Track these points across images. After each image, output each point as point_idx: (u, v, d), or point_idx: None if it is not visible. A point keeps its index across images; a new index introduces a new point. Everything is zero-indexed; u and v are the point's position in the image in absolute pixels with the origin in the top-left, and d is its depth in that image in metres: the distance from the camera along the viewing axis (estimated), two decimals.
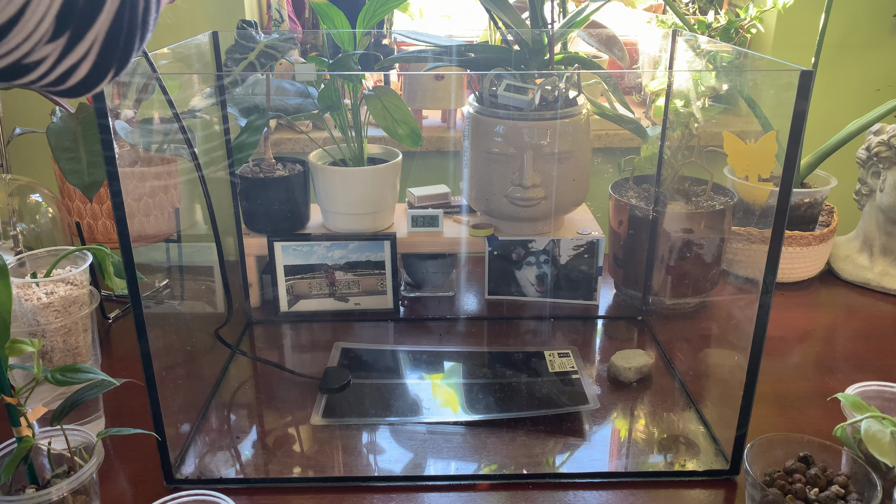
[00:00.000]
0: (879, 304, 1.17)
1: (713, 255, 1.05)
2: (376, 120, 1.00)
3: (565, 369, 0.94)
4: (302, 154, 1.14)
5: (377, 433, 0.84)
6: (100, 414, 0.83)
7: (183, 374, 0.90)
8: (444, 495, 0.75)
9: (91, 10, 0.33)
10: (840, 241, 1.28)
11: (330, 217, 1.11)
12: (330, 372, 0.94)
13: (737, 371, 0.74)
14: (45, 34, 0.32)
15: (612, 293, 1.18)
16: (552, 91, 1.05)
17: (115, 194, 0.63)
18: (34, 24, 0.31)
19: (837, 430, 0.73)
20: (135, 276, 0.67)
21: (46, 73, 0.34)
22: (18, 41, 0.31)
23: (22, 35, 0.31)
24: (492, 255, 1.10)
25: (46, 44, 0.32)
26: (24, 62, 0.33)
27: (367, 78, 1.27)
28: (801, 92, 0.63)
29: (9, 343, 0.62)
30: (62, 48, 0.33)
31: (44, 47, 0.32)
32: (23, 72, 0.34)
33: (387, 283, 1.09)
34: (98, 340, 0.88)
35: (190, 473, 0.78)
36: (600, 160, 1.31)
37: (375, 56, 1.15)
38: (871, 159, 1.18)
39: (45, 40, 0.32)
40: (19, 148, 1.63)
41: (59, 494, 0.62)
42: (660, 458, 0.81)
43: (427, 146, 1.72)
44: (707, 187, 1.08)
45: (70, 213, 1.09)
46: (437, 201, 1.15)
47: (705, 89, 1.11)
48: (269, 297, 1.12)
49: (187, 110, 1.02)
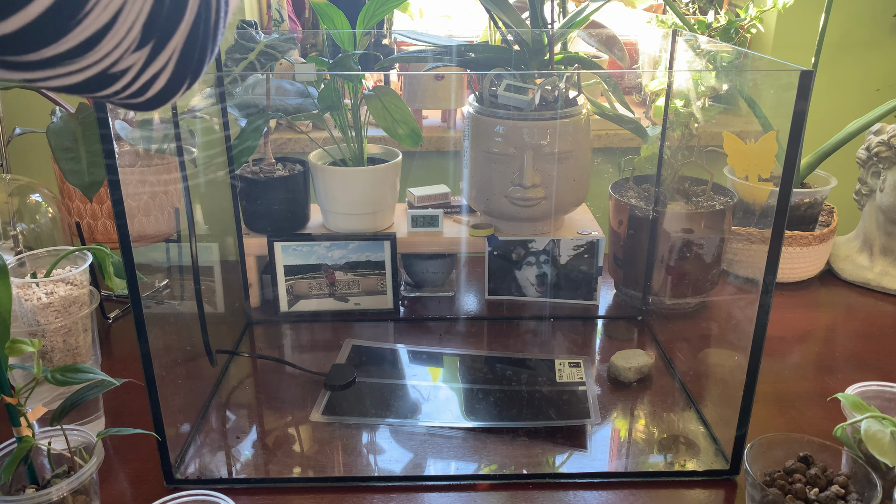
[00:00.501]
0: (879, 304, 1.17)
1: (713, 255, 1.05)
2: (376, 120, 1.00)
3: (573, 380, 0.93)
4: (302, 154, 1.14)
5: (377, 433, 0.84)
6: (100, 414, 0.83)
7: (183, 374, 0.90)
8: (444, 495, 0.75)
9: (172, 20, 0.33)
10: (840, 241, 1.28)
11: (330, 217, 1.11)
12: (336, 368, 0.94)
13: (737, 371, 0.74)
14: (132, 43, 0.32)
15: (612, 293, 1.18)
16: (552, 91, 1.05)
17: (115, 194, 0.63)
18: (125, 32, 0.31)
19: (837, 430, 0.73)
20: (135, 276, 0.67)
21: (130, 83, 0.34)
22: (109, 48, 0.32)
23: (113, 42, 0.31)
24: (492, 255, 1.10)
25: (133, 52, 0.33)
26: (111, 71, 0.33)
27: (367, 78, 1.27)
28: (801, 92, 0.63)
29: (9, 343, 0.62)
30: (146, 57, 0.34)
31: (131, 56, 0.33)
32: (109, 82, 0.34)
33: (387, 283, 1.09)
34: (98, 340, 0.88)
35: (190, 473, 0.78)
36: (600, 160, 1.31)
37: (375, 56, 1.15)
38: (871, 159, 1.18)
39: (133, 49, 0.32)
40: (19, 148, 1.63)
41: (59, 494, 0.62)
42: (660, 458, 0.81)
43: (427, 146, 1.72)
44: (707, 187, 1.08)
45: (70, 213, 1.09)
46: (437, 201, 1.15)
47: (705, 89, 1.11)
48: (269, 297, 1.12)
49: (187, 110, 1.02)
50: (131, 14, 0.31)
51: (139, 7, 0.31)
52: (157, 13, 0.32)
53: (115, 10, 0.30)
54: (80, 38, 0.30)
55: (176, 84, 0.36)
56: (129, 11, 0.31)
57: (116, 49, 0.32)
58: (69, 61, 0.31)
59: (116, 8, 0.30)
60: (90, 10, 0.29)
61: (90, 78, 0.33)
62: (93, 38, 0.31)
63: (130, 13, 0.31)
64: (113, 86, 0.34)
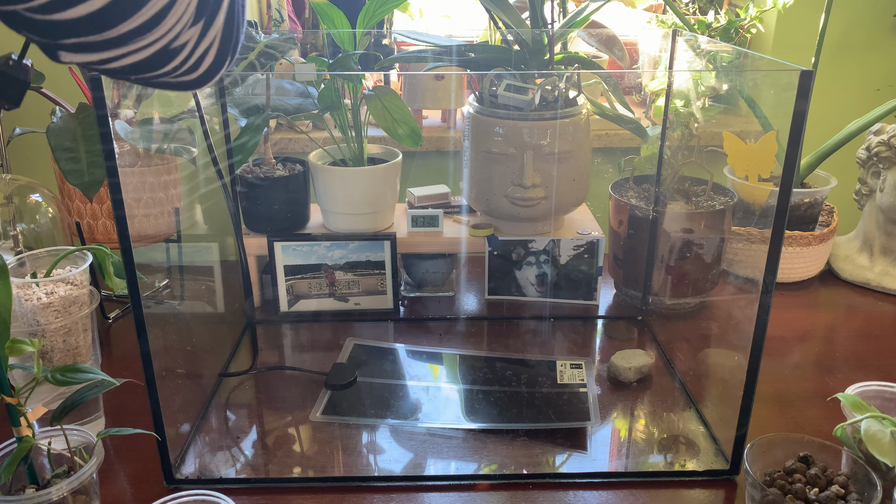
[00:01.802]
0: (879, 304, 1.17)
1: (713, 255, 1.05)
2: (376, 120, 1.00)
3: (574, 381, 0.93)
4: (302, 154, 1.14)
5: (377, 433, 0.84)
6: (100, 414, 0.83)
7: (183, 374, 0.90)
8: (444, 495, 0.75)
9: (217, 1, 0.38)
10: (840, 241, 1.28)
11: (330, 217, 1.11)
12: (337, 368, 0.94)
13: (737, 371, 0.74)
14: (189, 18, 0.36)
15: (612, 293, 1.18)
16: (552, 91, 1.05)
17: (115, 194, 0.63)
18: (184, 8, 0.35)
19: (837, 430, 0.73)
20: (135, 276, 0.67)
21: (186, 58, 0.38)
22: (172, 23, 0.35)
23: (175, 17, 0.35)
24: (492, 255, 1.10)
25: (189, 28, 0.37)
26: (171, 46, 0.37)
27: (367, 78, 1.27)
28: (801, 92, 0.63)
29: (9, 343, 0.62)
30: (199, 33, 0.37)
31: (188, 31, 0.37)
32: (169, 57, 0.37)
33: (387, 283, 1.09)
34: (98, 340, 0.88)
35: (190, 473, 0.78)
36: (600, 160, 1.31)
37: (375, 56, 1.15)
38: (871, 159, 1.18)
39: (189, 24, 0.36)
40: (19, 148, 1.62)
41: (59, 494, 0.62)
42: (660, 458, 0.81)
43: (427, 146, 1.72)
44: (707, 187, 1.08)
45: (70, 213, 1.09)
46: (437, 201, 1.15)
47: (705, 89, 1.11)
48: (269, 297, 1.12)
49: (187, 110, 1.02)
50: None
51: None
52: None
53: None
54: (150, 13, 0.34)
55: (220, 60, 0.40)
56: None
57: (177, 24, 0.36)
58: (139, 37, 0.34)
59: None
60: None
61: (155, 53, 0.36)
62: (159, 14, 0.34)
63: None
64: (172, 62, 0.38)
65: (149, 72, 0.38)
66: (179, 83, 0.40)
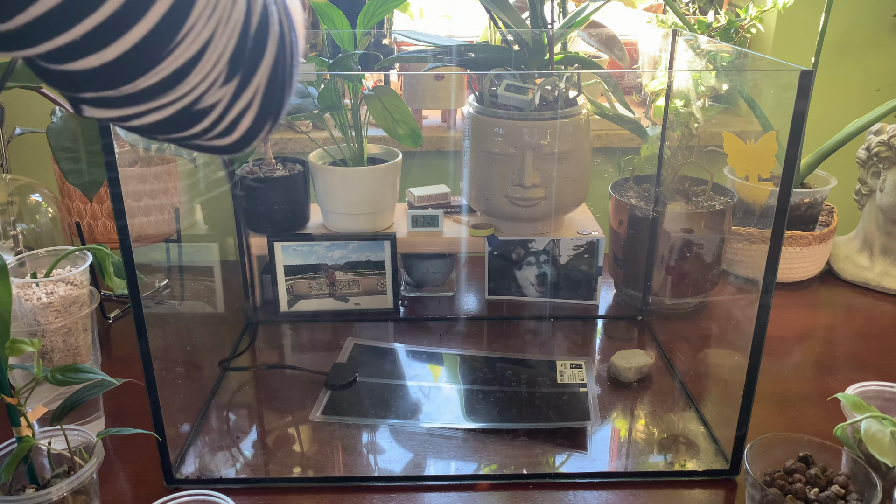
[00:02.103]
0: (879, 304, 1.17)
1: (713, 255, 1.05)
2: (376, 120, 1.00)
3: (574, 381, 0.93)
4: (302, 154, 1.14)
5: (377, 433, 0.84)
6: (100, 414, 0.83)
7: (183, 374, 0.90)
8: (444, 495, 0.75)
9: (256, 56, 0.34)
10: (840, 241, 1.28)
11: (330, 217, 1.11)
12: (337, 367, 0.94)
13: (737, 371, 0.74)
14: (219, 76, 0.33)
15: (612, 293, 1.18)
16: (552, 91, 1.05)
17: (115, 194, 0.63)
18: (212, 65, 0.32)
19: (837, 430, 0.73)
20: (135, 276, 0.67)
21: (217, 120, 0.35)
22: (197, 80, 0.32)
23: (201, 74, 0.32)
24: (492, 255, 1.10)
25: (220, 87, 0.33)
26: (197, 107, 0.33)
27: (367, 78, 1.27)
28: (801, 92, 0.63)
29: (9, 343, 0.62)
30: (232, 93, 0.34)
31: (218, 90, 0.33)
32: (196, 118, 0.34)
33: (387, 283, 1.09)
34: (98, 340, 0.88)
35: (190, 473, 0.78)
36: (600, 160, 1.31)
37: (375, 56, 1.15)
38: (871, 159, 1.18)
39: (220, 84, 0.33)
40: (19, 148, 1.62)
41: (59, 494, 0.62)
42: (660, 458, 0.81)
43: (427, 146, 1.72)
44: (707, 187, 1.08)
45: (70, 213, 1.09)
46: (437, 201, 1.15)
47: (705, 89, 1.11)
48: (269, 297, 1.12)
49: None
50: (218, 47, 0.32)
51: (225, 41, 0.32)
52: (242, 48, 0.33)
53: (204, 41, 0.31)
54: (171, 68, 0.31)
55: (260, 123, 0.37)
56: (216, 44, 0.32)
57: (203, 81, 0.32)
58: (160, 94, 0.32)
59: (205, 39, 0.31)
60: (181, 40, 0.30)
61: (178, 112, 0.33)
62: (182, 69, 0.31)
63: (217, 46, 0.32)
64: (201, 123, 0.34)
65: (175, 132, 0.35)
66: (213, 147, 0.37)
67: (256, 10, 0.33)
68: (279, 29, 0.35)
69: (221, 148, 0.37)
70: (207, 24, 0.31)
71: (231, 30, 0.32)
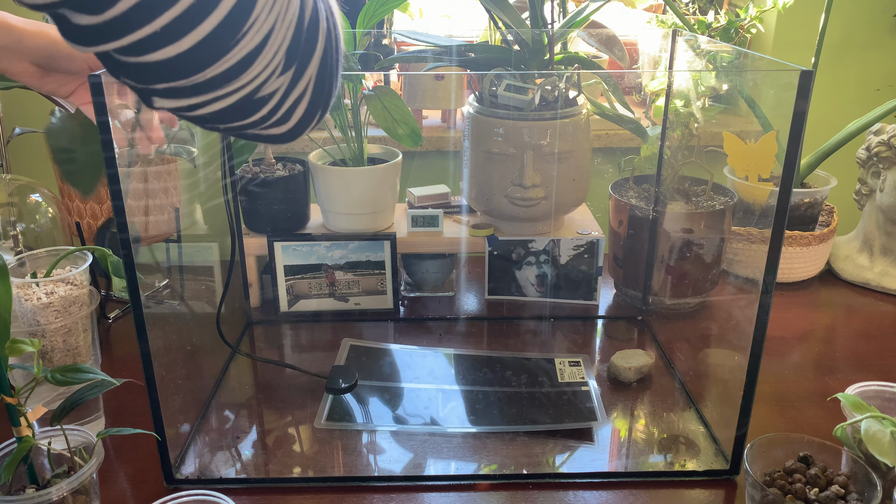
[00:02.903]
0: (879, 304, 1.17)
1: (713, 255, 1.05)
2: (376, 120, 1.00)
3: (575, 379, 0.93)
4: (302, 154, 1.14)
5: (377, 434, 0.84)
6: (100, 414, 0.83)
7: (183, 374, 0.90)
8: (444, 495, 0.75)
9: (309, 47, 0.36)
10: (840, 241, 1.28)
11: (330, 217, 1.11)
12: (337, 371, 0.94)
13: (737, 371, 0.74)
14: (278, 66, 0.35)
15: (612, 293, 1.18)
16: (552, 91, 1.05)
17: (115, 194, 0.63)
18: (272, 54, 0.34)
19: (837, 430, 0.73)
20: (135, 276, 0.67)
21: (275, 108, 0.37)
22: (259, 69, 0.34)
23: (263, 63, 0.34)
24: (492, 255, 1.10)
25: (278, 77, 0.35)
26: (257, 95, 0.35)
27: (367, 78, 1.27)
28: (801, 92, 0.63)
29: (9, 343, 0.62)
30: (289, 82, 0.36)
31: (276, 80, 0.35)
32: (255, 107, 0.36)
33: (387, 283, 1.09)
34: (98, 340, 0.88)
35: (190, 473, 0.78)
36: (600, 160, 1.31)
37: (375, 56, 1.15)
38: (871, 159, 1.18)
39: (278, 73, 0.35)
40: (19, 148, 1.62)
41: (59, 494, 0.62)
42: (660, 458, 0.81)
43: (427, 146, 1.72)
44: (707, 187, 1.08)
45: (70, 213, 1.09)
46: (437, 201, 1.15)
47: (705, 89, 1.11)
48: (269, 297, 1.12)
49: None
50: (278, 38, 0.34)
51: (284, 33, 0.34)
52: (297, 40, 0.35)
53: (266, 32, 0.33)
54: (237, 57, 0.33)
55: (312, 112, 0.39)
56: (276, 35, 0.34)
57: (265, 70, 0.35)
58: (225, 83, 0.34)
59: (267, 30, 0.33)
60: (247, 30, 0.33)
61: (240, 101, 0.35)
62: (247, 58, 0.33)
63: (277, 37, 0.34)
64: (259, 111, 0.37)
65: (235, 121, 0.37)
66: (269, 136, 0.39)
67: (309, 4, 0.36)
68: (326, 24, 0.37)
69: (277, 137, 0.40)
70: (269, 16, 0.33)
71: (289, 22, 0.34)
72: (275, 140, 0.40)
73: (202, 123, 0.37)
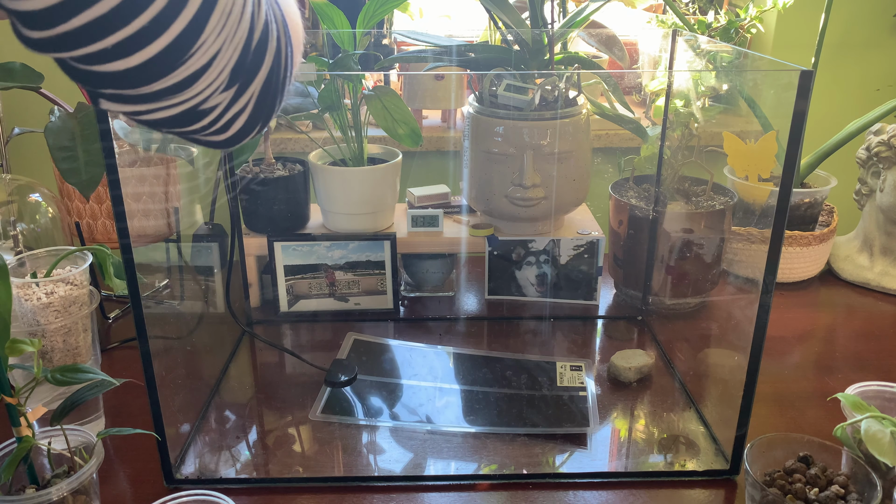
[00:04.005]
0: (879, 304, 1.17)
1: (713, 255, 1.05)
2: (376, 120, 1.00)
3: (574, 384, 0.92)
4: (302, 154, 1.14)
5: (377, 433, 0.84)
6: (100, 414, 0.83)
7: (183, 374, 0.90)
8: (444, 495, 0.75)
9: (254, 67, 0.39)
10: (840, 241, 1.28)
11: (330, 217, 1.11)
12: (337, 364, 0.94)
13: (737, 371, 0.74)
14: (221, 83, 0.38)
15: (612, 293, 1.18)
16: (552, 91, 1.05)
17: (114, 194, 0.63)
18: (217, 74, 0.37)
19: (837, 430, 0.73)
20: (135, 276, 0.67)
21: (215, 120, 0.40)
22: (203, 87, 0.37)
23: (207, 82, 0.37)
24: (492, 255, 1.10)
25: (221, 92, 0.38)
26: (201, 108, 0.38)
27: (367, 78, 1.27)
28: (801, 92, 0.63)
29: (9, 343, 0.62)
30: (230, 98, 0.39)
31: (219, 95, 0.38)
32: (198, 117, 0.39)
33: (387, 283, 1.09)
34: (98, 340, 0.88)
35: (190, 473, 0.78)
36: (600, 160, 1.31)
37: (375, 56, 1.15)
38: (871, 159, 1.18)
39: (221, 89, 0.38)
40: (19, 148, 1.62)
41: (59, 494, 0.62)
42: (660, 458, 0.81)
43: (427, 146, 1.72)
44: (707, 187, 1.08)
45: (70, 213, 1.09)
46: (437, 201, 1.15)
47: (705, 89, 1.11)
48: (269, 297, 1.12)
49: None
50: (224, 59, 0.37)
51: (230, 54, 0.37)
52: (243, 61, 0.38)
53: (213, 54, 0.36)
54: (183, 75, 0.36)
55: (252, 124, 0.42)
56: (222, 56, 0.37)
57: (208, 88, 0.37)
58: (171, 95, 0.37)
59: (214, 52, 0.36)
60: (194, 52, 0.35)
61: (184, 112, 0.38)
62: (192, 77, 0.36)
63: (223, 58, 0.37)
64: (201, 121, 0.40)
65: (179, 127, 0.40)
66: (209, 141, 0.42)
67: (259, 27, 0.38)
68: (276, 44, 0.40)
69: (216, 143, 0.43)
70: (217, 39, 0.36)
71: (236, 44, 0.37)
72: (215, 146, 0.43)
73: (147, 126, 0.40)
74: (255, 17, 0.38)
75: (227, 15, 0.36)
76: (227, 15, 0.36)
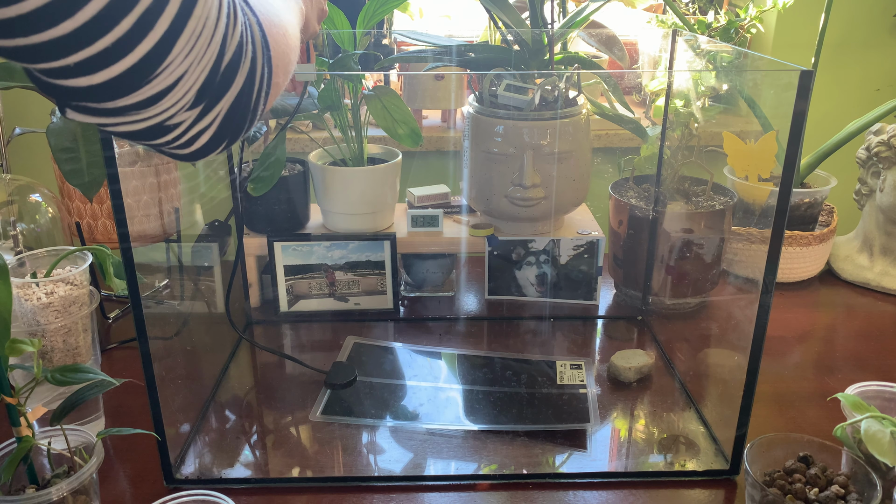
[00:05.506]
0: (879, 304, 1.17)
1: (713, 255, 1.05)
2: (376, 120, 1.00)
3: (574, 382, 0.92)
4: (302, 154, 1.14)
5: (377, 433, 0.84)
6: (100, 414, 0.83)
7: (183, 374, 0.90)
8: (444, 495, 0.75)
9: (222, 88, 0.40)
10: (840, 241, 1.28)
11: (330, 217, 1.11)
12: (337, 366, 0.94)
13: (737, 371, 0.74)
14: (187, 102, 0.39)
15: (612, 293, 1.18)
16: (552, 91, 1.05)
17: (115, 194, 0.63)
18: (182, 93, 0.38)
19: (837, 430, 0.73)
20: (135, 276, 0.67)
21: (179, 136, 0.41)
22: (168, 105, 0.38)
23: (172, 101, 0.38)
24: (492, 255, 1.10)
25: (186, 111, 0.39)
26: (166, 124, 0.39)
27: (367, 78, 1.27)
28: (801, 92, 0.63)
29: (9, 343, 0.62)
30: (196, 116, 0.40)
31: (184, 113, 0.39)
32: (161, 133, 0.40)
33: (387, 283, 1.09)
34: (98, 340, 0.88)
35: (190, 473, 0.78)
36: (600, 160, 1.31)
37: (375, 56, 1.15)
38: (871, 159, 1.18)
39: (186, 108, 0.39)
40: (19, 148, 1.63)
41: (59, 494, 0.62)
42: (660, 458, 0.81)
43: (427, 146, 1.72)
44: (707, 187, 1.08)
45: (70, 213, 1.09)
46: (437, 201, 1.15)
47: (705, 89, 1.11)
48: (268, 297, 1.12)
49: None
50: (190, 79, 0.38)
51: (197, 75, 0.38)
52: (211, 81, 0.39)
53: (179, 75, 0.37)
54: (148, 94, 0.37)
55: (217, 142, 0.43)
56: (189, 77, 0.37)
57: (174, 106, 0.38)
58: (136, 112, 0.37)
59: (180, 74, 0.37)
60: (160, 73, 0.36)
61: (149, 127, 0.39)
62: (157, 95, 0.37)
63: (190, 79, 0.38)
64: (166, 136, 0.40)
65: (145, 140, 0.41)
66: (174, 154, 0.43)
67: (230, 49, 0.39)
68: (251, 66, 0.41)
69: (180, 156, 0.44)
70: (185, 61, 0.36)
71: (204, 66, 0.38)
72: (180, 158, 0.44)
73: (114, 136, 0.42)
74: (228, 38, 0.38)
75: (196, 37, 0.36)
76: (197, 37, 0.36)
